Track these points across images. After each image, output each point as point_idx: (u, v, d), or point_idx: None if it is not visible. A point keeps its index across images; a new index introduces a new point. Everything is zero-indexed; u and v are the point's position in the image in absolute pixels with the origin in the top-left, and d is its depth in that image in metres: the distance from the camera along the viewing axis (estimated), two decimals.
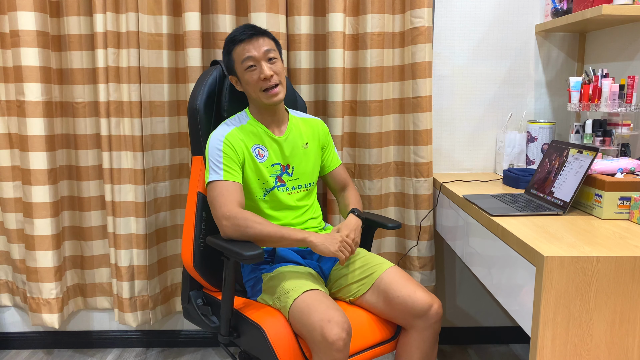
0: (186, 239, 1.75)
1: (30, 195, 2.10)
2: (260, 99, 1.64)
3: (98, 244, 2.29)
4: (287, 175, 1.72)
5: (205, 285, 1.79)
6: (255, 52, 1.59)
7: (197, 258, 1.73)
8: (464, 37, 2.24)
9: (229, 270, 1.55)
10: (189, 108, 1.74)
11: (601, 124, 1.89)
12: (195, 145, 1.76)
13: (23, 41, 2.00)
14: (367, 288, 1.64)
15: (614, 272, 1.19)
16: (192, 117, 1.73)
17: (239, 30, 1.63)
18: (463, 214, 1.83)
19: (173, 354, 2.39)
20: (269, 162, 1.68)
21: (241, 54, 1.61)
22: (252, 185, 1.67)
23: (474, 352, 2.41)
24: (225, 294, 1.56)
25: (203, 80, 1.75)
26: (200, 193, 1.73)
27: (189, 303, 1.78)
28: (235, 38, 1.62)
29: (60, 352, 2.42)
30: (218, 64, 1.81)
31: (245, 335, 1.57)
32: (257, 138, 1.68)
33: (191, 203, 1.74)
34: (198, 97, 1.72)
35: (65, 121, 2.20)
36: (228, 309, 1.57)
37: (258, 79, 1.60)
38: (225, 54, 1.67)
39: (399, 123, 2.24)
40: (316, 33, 2.16)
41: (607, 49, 2.09)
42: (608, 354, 1.22)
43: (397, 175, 2.27)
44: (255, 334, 1.51)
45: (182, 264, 1.79)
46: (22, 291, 2.30)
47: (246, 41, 1.60)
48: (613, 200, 1.50)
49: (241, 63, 1.61)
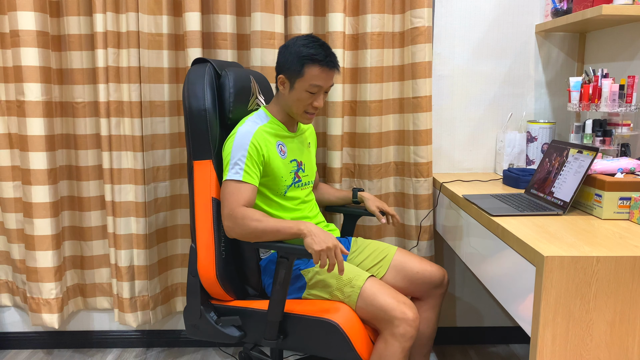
0: (205, 250, 1.63)
1: (30, 195, 2.10)
2: (297, 115, 1.69)
3: (98, 244, 2.29)
4: (302, 171, 1.76)
5: (223, 297, 1.70)
6: (325, 84, 1.64)
7: (220, 268, 1.63)
8: (464, 37, 2.24)
9: (285, 270, 1.52)
10: (193, 110, 1.62)
11: (601, 124, 1.89)
12: (201, 148, 1.64)
13: (23, 41, 2.00)
14: (385, 269, 1.79)
15: (614, 272, 1.19)
16: (199, 119, 1.62)
17: (324, 53, 1.61)
18: (463, 214, 1.83)
19: (173, 354, 2.39)
20: (288, 158, 1.71)
21: (315, 78, 1.61)
22: (276, 180, 1.67)
23: (474, 352, 2.41)
24: (279, 295, 1.53)
25: (200, 81, 1.65)
26: (215, 199, 1.63)
27: (201, 318, 1.67)
28: (317, 59, 1.60)
29: (60, 352, 2.42)
30: (206, 62, 1.71)
31: (299, 334, 1.57)
32: (278, 135, 1.70)
33: (204, 211, 1.63)
34: (205, 98, 1.63)
35: (65, 121, 2.20)
36: (280, 311, 1.55)
37: (310, 103, 1.66)
38: (296, 63, 1.61)
39: (398, 123, 2.24)
40: (316, 33, 2.16)
41: (607, 49, 2.09)
42: (608, 354, 1.22)
43: (397, 175, 2.27)
44: (320, 329, 1.53)
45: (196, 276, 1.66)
46: (22, 291, 2.30)
47: (326, 70, 1.62)
48: (613, 200, 1.50)
49: (309, 83, 1.62)
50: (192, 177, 1.67)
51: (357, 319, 1.57)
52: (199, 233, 1.64)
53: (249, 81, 1.78)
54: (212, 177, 1.64)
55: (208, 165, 1.64)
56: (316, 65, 1.60)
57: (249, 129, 1.62)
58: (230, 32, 2.09)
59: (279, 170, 1.66)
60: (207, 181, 1.64)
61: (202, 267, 1.64)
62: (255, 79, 1.84)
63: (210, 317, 1.66)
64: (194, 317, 1.68)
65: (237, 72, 1.72)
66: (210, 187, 1.63)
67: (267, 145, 1.63)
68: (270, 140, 1.66)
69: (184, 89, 1.65)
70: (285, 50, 1.65)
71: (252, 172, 1.58)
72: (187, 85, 1.65)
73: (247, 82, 1.76)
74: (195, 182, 1.65)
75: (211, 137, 1.63)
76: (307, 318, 1.55)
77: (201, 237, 1.64)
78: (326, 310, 1.56)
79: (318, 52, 1.61)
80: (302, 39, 1.64)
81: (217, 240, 1.63)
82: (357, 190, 1.96)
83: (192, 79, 1.65)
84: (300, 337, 1.57)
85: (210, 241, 1.63)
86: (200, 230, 1.64)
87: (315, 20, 2.14)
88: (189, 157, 1.68)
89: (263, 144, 1.62)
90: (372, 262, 1.82)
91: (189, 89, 1.64)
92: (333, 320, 1.52)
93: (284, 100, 1.69)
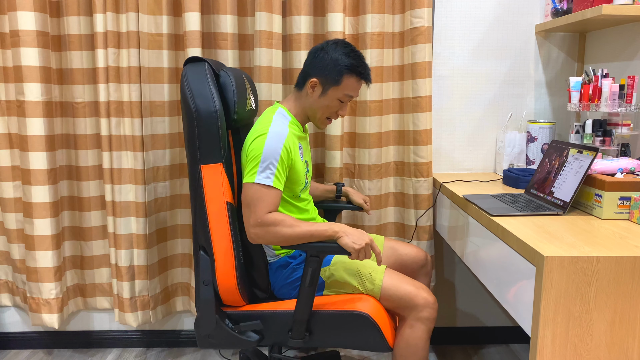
0: (223, 256, 1.57)
1: (30, 195, 2.10)
2: (316, 121, 1.70)
3: (98, 244, 2.29)
4: (308, 172, 1.76)
5: (237, 303, 1.64)
6: (356, 95, 1.69)
7: (240, 275, 1.59)
8: (464, 37, 2.24)
9: (314, 269, 1.53)
10: (202, 112, 1.52)
11: (601, 124, 1.89)
12: (212, 152, 1.55)
13: (23, 41, 2.00)
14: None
15: (614, 272, 1.19)
16: (209, 121, 1.53)
17: (367, 70, 1.66)
18: (463, 214, 1.83)
19: (173, 354, 2.39)
20: (304, 160, 1.70)
21: (351, 89, 1.64)
22: (296, 183, 1.65)
23: (474, 352, 2.41)
24: (308, 294, 1.55)
25: (205, 81, 1.56)
26: (229, 204, 1.57)
27: (217, 327, 1.60)
28: (359, 70, 1.63)
29: (60, 352, 2.42)
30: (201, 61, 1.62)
31: (328, 329, 1.59)
32: (298, 137, 1.68)
33: (220, 216, 1.56)
34: (213, 99, 1.53)
35: (65, 121, 2.20)
36: (308, 309, 1.57)
37: (335, 111, 1.68)
38: (336, 72, 1.60)
39: (398, 123, 2.24)
40: (315, 33, 2.16)
41: (607, 49, 2.09)
42: (608, 354, 1.22)
43: (397, 175, 2.27)
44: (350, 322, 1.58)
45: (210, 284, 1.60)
46: (22, 291, 2.30)
47: (363, 82, 1.67)
48: (613, 200, 1.50)
49: (344, 92, 1.64)
50: (199, 182, 1.57)
51: (382, 308, 1.64)
52: (215, 240, 1.57)
53: (244, 81, 1.75)
54: (224, 181, 1.57)
55: (219, 169, 1.56)
56: (356, 76, 1.62)
57: (281, 131, 1.56)
58: (231, 32, 2.09)
59: (299, 173, 1.64)
60: (219, 185, 1.56)
61: (221, 274, 1.57)
62: (246, 78, 1.80)
63: (226, 324, 1.61)
64: (209, 327, 1.61)
65: (234, 72, 1.67)
66: (223, 191, 1.56)
67: (294, 148, 1.60)
68: (296, 142, 1.63)
69: (185, 89, 1.55)
70: (323, 54, 1.63)
71: (281, 177, 1.55)
72: (189, 85, 1.55)
73: (243, 83, 1.73)
74: (206, 187, 1.56)
75: (221, 139, 1.55)
76: (335, 313, 1.59)
77: (218, 243, 1.57)
78: (352, 303, 1.61)
79: (360, 64, 1.62)
80: (341, 45, 1.64)
81: (236, 246, 1.58)
82: (340, 184, 2.04)
83: (192, 78, 1.56)
84: (328, 332, 1.60)
85: (229, 247, 1.57)
86: (217, 237, 1.57)
87: (314, 20, 2.14)
88: (193, 160, 1.57)
89: (292, 147, 1.58)
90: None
91: (192, 89, 1.54)
92: (364, 312, 1.57)
93: (309, 103, 1.66)
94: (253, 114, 1.84)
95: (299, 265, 1.69)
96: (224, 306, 1.67)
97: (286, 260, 1.69)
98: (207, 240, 1.58)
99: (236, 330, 1.61)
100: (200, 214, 1.58)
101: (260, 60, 2.07)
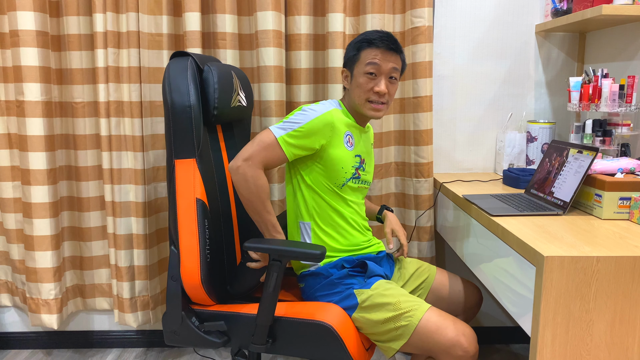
0: (188, 253, 1.56)
1: (30, 195, 2.10)
2: (361, 107, 1.62)
3: (97, 244, 2.28)
4: (362, 169, 1.69)
5: (205, 302, 1.63)
6: (383, 64, 1.59)
7: (205, 272, 1.56)
8: (464, 37, 2.24)
9: (278, 273, 1.47)
10: (176, 105, 1.52)
11: (601, 124, 1.89)
12: (184, 147, 1.55)
13: (23, 41, 2.00)
14: (427, 292, 1.76)
15: (614, 272, 1.19)
16: (182, 115, 1.53)
17: (380, 35, 1.60)
18: (463, 214, 1.83)
19: (173, 354, 2.39)
20: (354, 152, 1.65)
21: (369, 57, 1.59)
22: (336, 169, 1.60)
23: None
24: (271, 299, 1.49)
25: (183, 75, 1.55)
26: (199, 200, 1.56)
27: (182, 324, 1.59)
28: (372, 41, 1.59)
29: (60, 352, 2.42)
30: (186, 55, 1.61)
31: (290, 337, 1.52)
32: (349, 125, 1.65)
33: (188, 212, 1.55)
34: (189, 94, 1.53)
35: (64, 121, 2.20)
36: (271, 315, 1.50)
37: (370, 89, 1.60)
38: (353, 49, 1.62)
39: (399, 123, 2.24)
40: (316, 33, 2.15)
41: (607, 49, 2.09)
42: (608, 354, 1.22)
43: (398, 175, 2.27)
44: (312, 332, 1.49)
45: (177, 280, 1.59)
46: (22, 291, 2.30)
47: (382, 50, 1.58)
48: (613, 200, 1.50)
49: (365, 65, 1.59)
50: (173, 177, 1.57)
51: (349, 321, 1.54)
52: (182, 236, 1.56)
53: (231, 77, 1.71)
54: (196, 177, 1.55)
55: (191, 165, 1.55)
56: (371, 47, 1.59)
57: (320, 109, 1.57)
58: (231, 32, 2.09)
59: (340, 160, 1.59)
60: (191, 181, 1.55)
61: (186, 271, 1.56)
62: (236, 74, 1.77)
63: (192, 322, 1.59)
64: (174, 323, 1.60)
65: (220, 67, 1.64)
66: (194, 187, 1.55)
67: (333, 129, 1.56)
68: (340, 127, 1.59)
69: (164, 83, 1.55)
70: (347, 47, 1.67)
71: (294, 142, 1.53)
72: (168, 79, 1.54)
73: (230, 78, 1.69)
74: (177, 182, 1.56)
75: (195, 134, 1.54)
76: (298, 321, 1.51)
77: (184, 240, 1.56)
78: (316, 312, 1.52)
79: (373, 36, 1.59)
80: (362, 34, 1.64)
81: (202, 243, 1.56)
82: (385, 208, 1.89)
83: (173, 73, 1.55)
84: (290, 340, 1.53)
85: (194, 244, 1.55)
86: (184, 233, 1.56)
87: (315, 20, 2.14)
88: (168, 155, 1.58)
89: (330, 128, 1.56)
90: (414, 283, 1.76)
91: (171, 83, 1.54)
92: (327, 323, 1.48)
93: (349, 95, 1.66)
94: (243, 110, 1.79)
95: (339, 280, 1.62)
96: (193, 304, 1.65)
97: (328, 271, 1.63)
98: (176, 235, 1.58)
99: (201, 329, 1.59)
100: (171, 208, 1.58)
101: (263, 60, 2.07)
